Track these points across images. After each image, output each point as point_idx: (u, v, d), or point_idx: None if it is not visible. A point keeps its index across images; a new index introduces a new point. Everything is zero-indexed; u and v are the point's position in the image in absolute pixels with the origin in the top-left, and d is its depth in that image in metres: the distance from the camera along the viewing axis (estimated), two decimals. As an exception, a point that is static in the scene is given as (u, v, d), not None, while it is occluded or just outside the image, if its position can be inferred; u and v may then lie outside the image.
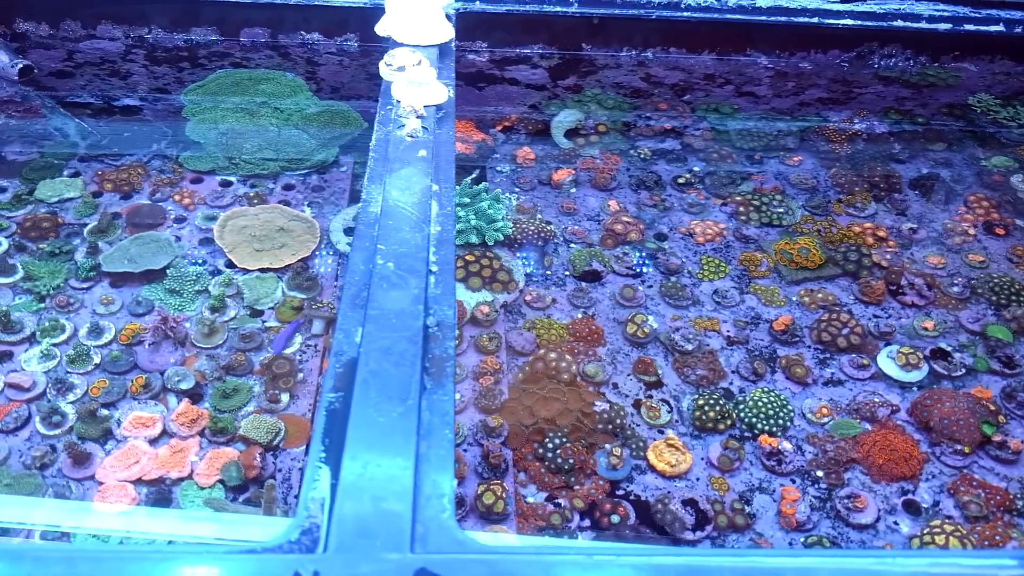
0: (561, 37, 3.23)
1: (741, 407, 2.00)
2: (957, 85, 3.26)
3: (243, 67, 3.09)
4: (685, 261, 2.43)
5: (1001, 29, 3.11)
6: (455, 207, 1.83)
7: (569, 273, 2.38)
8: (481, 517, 1.75)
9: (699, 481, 1.86)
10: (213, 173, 2.65)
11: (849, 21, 3.11)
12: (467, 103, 3.00)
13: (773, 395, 2.02)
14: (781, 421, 1.97)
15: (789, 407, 2.01)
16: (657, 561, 1.03)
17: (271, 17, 3.18)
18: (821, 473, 1.88)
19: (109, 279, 2.24)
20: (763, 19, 3.11)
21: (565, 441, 1.88)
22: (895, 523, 1.80)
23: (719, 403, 1.99)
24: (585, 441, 1.90)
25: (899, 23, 3.11)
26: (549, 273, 2.38)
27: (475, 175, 2.45)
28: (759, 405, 1.99)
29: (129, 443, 1.84)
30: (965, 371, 2.12)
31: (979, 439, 1.93)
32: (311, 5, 3.11)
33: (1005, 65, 3.34)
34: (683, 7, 3.07)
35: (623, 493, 1.83)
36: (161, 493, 1.76)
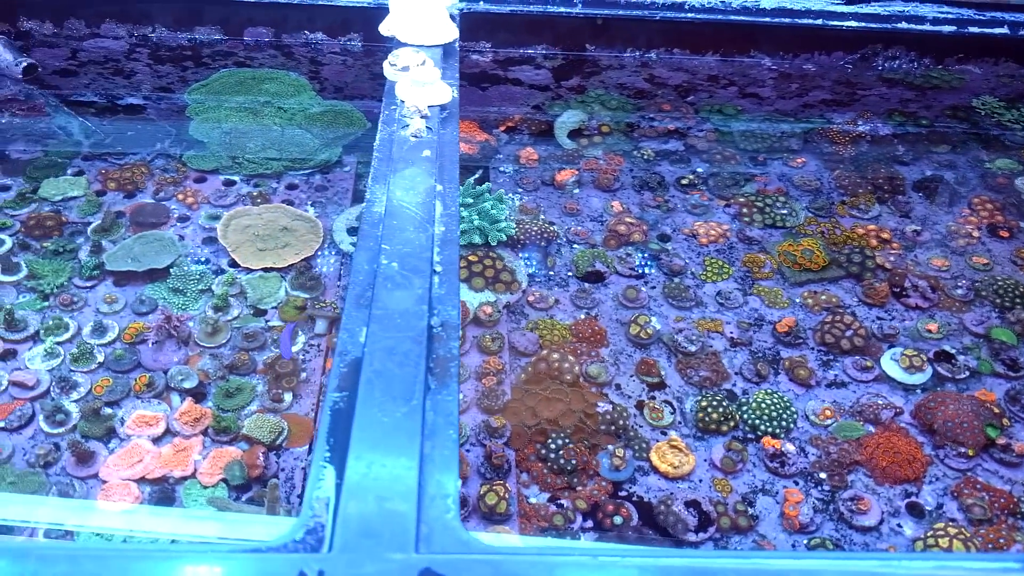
0: (565, 38, 3.23)
1: (744, 409, 2.00)
2: (961, 87, 3.26)
3: (247, 66, 3.09)
4: (688, 262, 2.43)
5: (1005, 31, 3.11)
6: (458, 207, 1.83)
7: (572, 274, 2.38)
8: (484, 518, 1.74)
9: (702, 483, 1.86)
10: (217, 172, 2.65)
11: (853, 23, 3.11)
12: (470, 103, 3.00)
13: (776, 397, 2.02)
14: (784, 423, 1.97)
15: (792, 409, 2.01)
16: (661, 563, 1.03)
17: (275, 16, 3.18)
18: (824, 475, 1.88)
19: (113, 278, 2.25)
20: (767, 20, 3.11)
21: (568, 442, 1.88)
22: (898, 525, 1.80)
23: (722, 404, 1.99)
24: (588, 442, 1.90)
25: (903, 25, 3.11)
26: (552, 274, 2.38)
27: (478, 175, 2.45)
28: (762, 407, 1.99)
29: (132, 442, 1.84)
30: (969, 374, 2.12)
31: (983, 442, 1.93)
32: (315, 5, 3.11)
33: (1009, 67, 3.33)
34: (687, 8, 3.07)
35: (626, 494, 1.83)
36: (164, 492, 1.76)
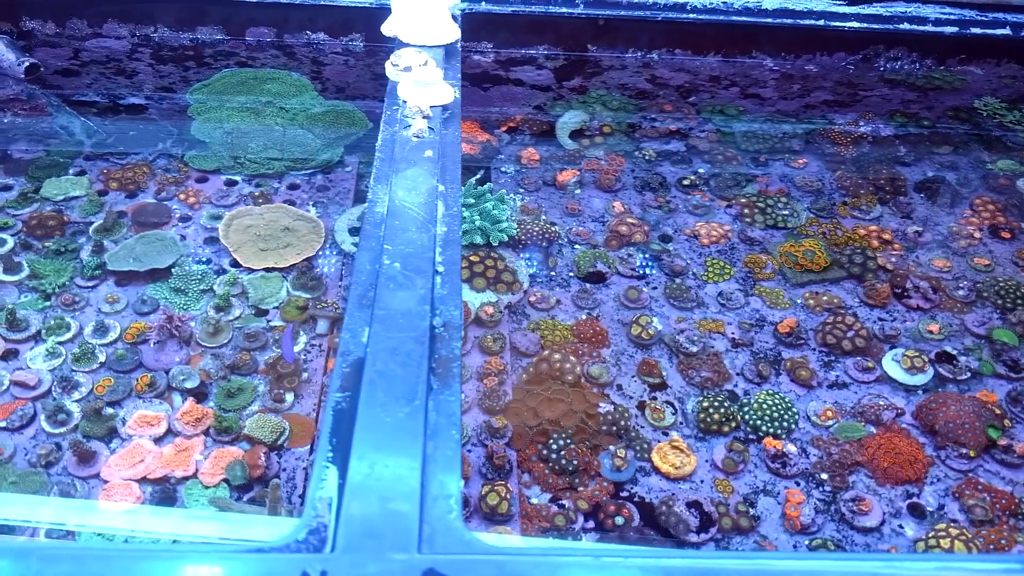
0: (566, 38, 3.23)
1: (746, 409, 2.00)
2: (963, 88, 3.26)
3: (249, 66, 3.09)
4: (690, 263, 2.43)
5: (1007, 32, 3.11)
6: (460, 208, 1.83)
7: (573, 274, 2.38)
8: (485, 518, 1.75)
9: (703, 483, 1.86)
10: (218, 172, 2.65)
11: (855, 24, 3.11)
12: (472, 104, 3.00)
13: (778, 397, 2.02)
14: (786, 423, 1.97)
15: (794, 409, 2.01)
16: (664, 563, 1.03)
17: (277, 17, 3.18)
18: (825, 476, 1.88)
19: (114, 278, 2.25)
20: (769, 21, 3.11)
21: (569, 442, 1.88)
22: (900, 526, 1.80)
23: (724, 405, 1.99)
24: (589, 442, 1.90)
25: (905, 26, 3.11)
26: (553, 274, 2.38)
27: (479, 176, 2.45)
28: (764, 407, 1.99)
29: (134, 442, 1.84)
30: (970, 374, 2.12)
31: (984, 443, 1.93)
32: (317, 5, 3.11)
33: (1011, 68, 3.33)
34: (689, 9, 3.07)
35: (627, 495, 1.83)
36: (166, 492, 1.76)
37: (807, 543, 1.76)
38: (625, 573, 1.00)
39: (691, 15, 3.07)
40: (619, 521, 1.75)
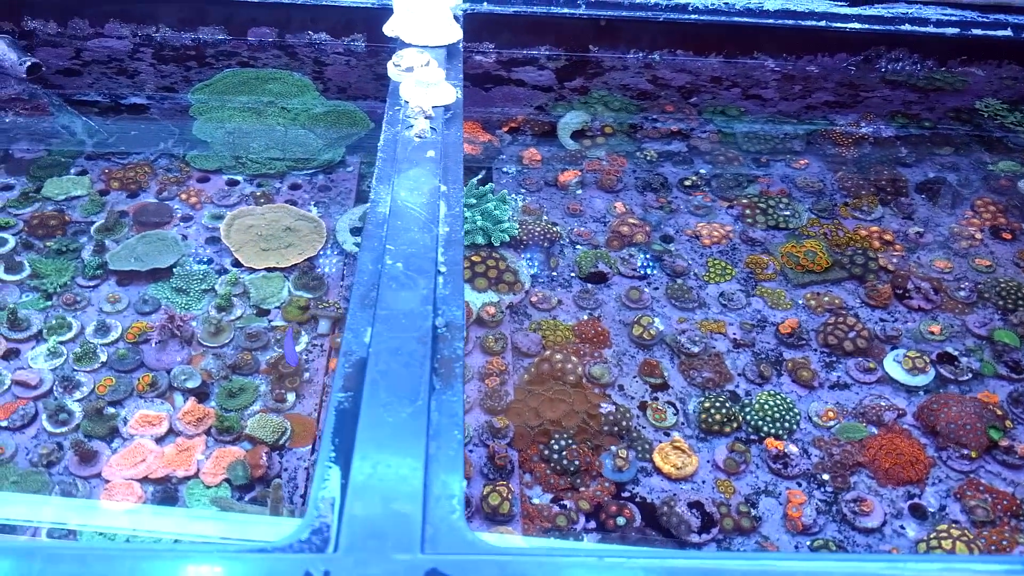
0: (568, 39, 3.23)
1: (747, 410, 2.00)
2: (964, 89, 3.26)
3: (250, 66, 3.09)
4: (691, 263, 2.43)
5: (1009, 34, 3.11)
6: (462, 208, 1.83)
7: (575, 274, 2.38)
8: (487, 518, 1.74)
9: (705, 484, 1.86)
10: (220, 172, 2.65)
11: (856, 25, 3.11)
12: (474, 104, 3.00)
13: (779, 398, 2.02)
14: (787, 424, 1.97)
15: (795, 410, 2.01)
16: (667, 564, 1.03)
17: (278, 17, 3.18)
18: (827, 476, 1.88)
19: (116, 277, 2.25)
20: (770, 22, 3.11)
21: (571, 443, 1.88)
22: (901, 527, 1.80)
23: (725, 406, 1.98)
24: (591, 443, 1.90)
25: (906, 27, 3.11)
26: (555, 274, 2.38)
27: (481, 176, 2.45)
28: (765, 408, 1.99)
29: (135, 441, 1.84)
30: (972, 375, 2.12)
31: (986, 444, 1.93)
32: (318, 5, 3.12)
33: (1012, 70, 3.33)
34: (690, 9, 3.07)
35: (629, 495, 1.83)
36: (167, 491, 1.76)
37: (808, 544, 1.76)
38: (628, 574, 1.00)
39: (693, 16, 3.07)
40: (620, 521, 1.75)
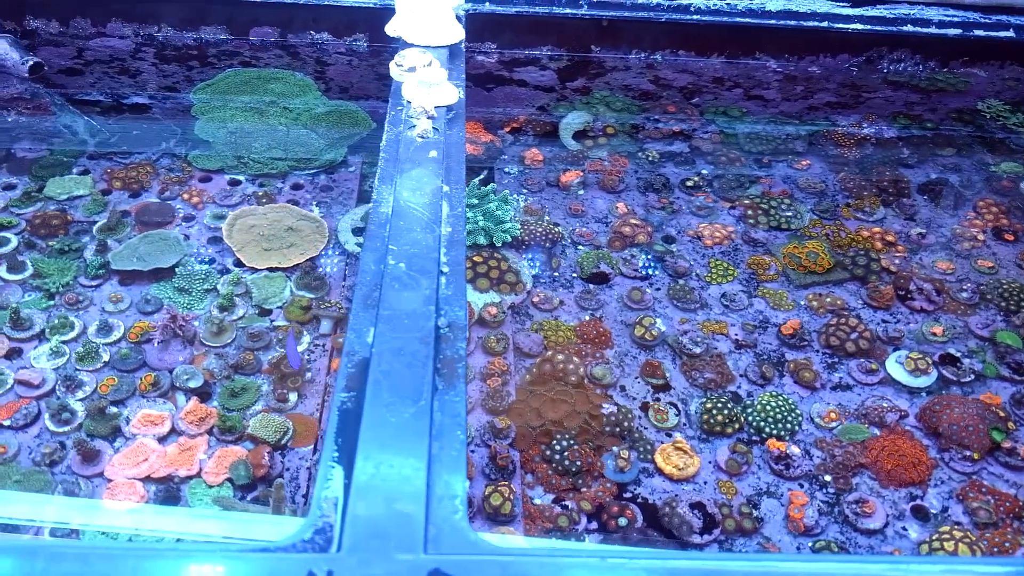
0: (570, 39, 3.23)
1: (749, 411, 2.00)
2: (966, 90, 3.26)
3: (252, 66, 3.09)
4: (693, 264, 2.43)
5: (1011, 35, 3.11)
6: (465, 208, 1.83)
7: (577, 275, 2.38)
8: (488, 518, 1.74)
9: (707, 485, 1.86)
10: (222, 172, 2.65)
11: (859, 26, 3.11)
12: (476, 104, 3.00)
13: (781, 399, 2.02)
14: (789, 425, 1.97)
15: (797, 411, 2.01)
16: (669, 564, 1.03)
17: (281, 16, 3.18)
18: (829, 478, 1.88)
19: (118, 277, 2.25)
20: (772, 23, 3.11)
21: (572, 443, 1.88)
22: (903, 529, 1.80)
23: (727, 406, 1.98)
24: (592, 443, 1.90)
25: (909, 28, 3.11)
26: (557, 275, 2.38)
27: (483, 176, 2.45)
28: (767, 409, 1.99)
29: (138, 441, 1.84)
30: (974, 377, 2.12)
31: (988, 445, 1.93)
32: (321, 5, 3.12)
33: (1014, 71, 3.33)
34: (692, 10, 3.07)
35: (630, 496, 1.83)
36: (169, 491, 1.76)
37: (810, 545, 1.76)
38: (630, 574, 1.00)
39: (695, 16, 3.07)
40: (622, 522, 1.75)
